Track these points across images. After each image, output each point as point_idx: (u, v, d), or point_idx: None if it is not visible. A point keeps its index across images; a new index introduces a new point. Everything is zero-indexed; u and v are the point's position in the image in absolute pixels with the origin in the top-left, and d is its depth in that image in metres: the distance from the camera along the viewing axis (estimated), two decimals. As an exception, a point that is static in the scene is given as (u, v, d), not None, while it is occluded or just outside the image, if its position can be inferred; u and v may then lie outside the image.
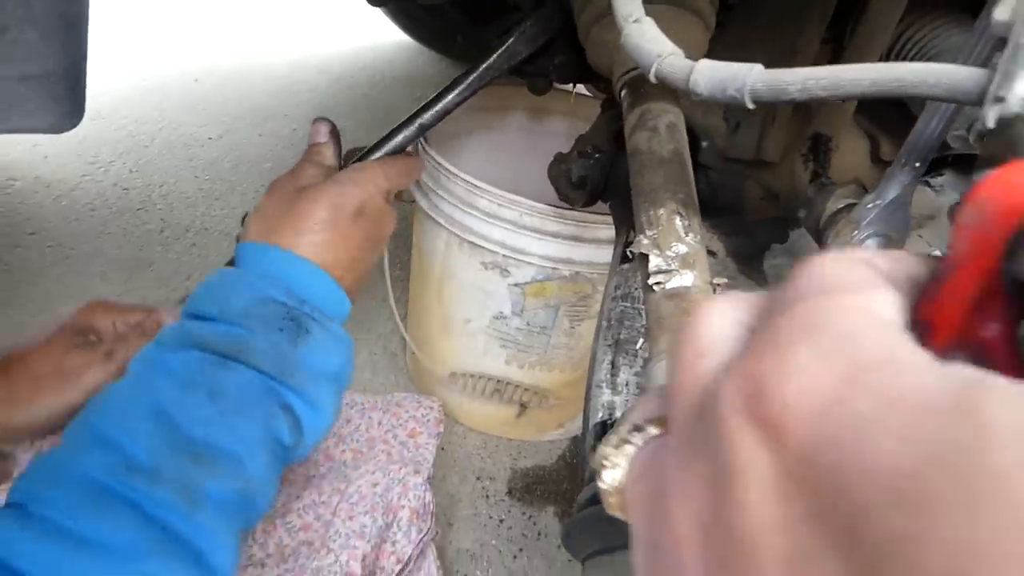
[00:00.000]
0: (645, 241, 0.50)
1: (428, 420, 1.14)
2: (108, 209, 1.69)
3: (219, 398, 0.59)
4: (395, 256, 1.57)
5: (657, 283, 0.48)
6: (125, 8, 2.56)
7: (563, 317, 1.14)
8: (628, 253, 0.58)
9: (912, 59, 0.83)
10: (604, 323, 0.68)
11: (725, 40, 0.84)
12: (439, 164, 1.10)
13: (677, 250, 0.49)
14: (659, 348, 0.47)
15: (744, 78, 0.42)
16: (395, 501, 1.04)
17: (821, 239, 0.59)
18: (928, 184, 0.91)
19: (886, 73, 0.38)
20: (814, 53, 0.76)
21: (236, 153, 1.95)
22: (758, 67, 0.43)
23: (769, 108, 0.78)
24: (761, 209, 0.84)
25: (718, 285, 0.51)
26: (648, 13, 0.67)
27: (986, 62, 0.49)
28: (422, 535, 1.04)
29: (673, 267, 0.48)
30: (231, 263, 0.70)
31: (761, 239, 0.78)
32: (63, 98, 0.64)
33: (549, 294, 1.11)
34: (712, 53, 0.80)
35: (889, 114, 0.92)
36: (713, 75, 0.43)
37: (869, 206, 0.51)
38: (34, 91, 0.62)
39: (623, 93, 0.64)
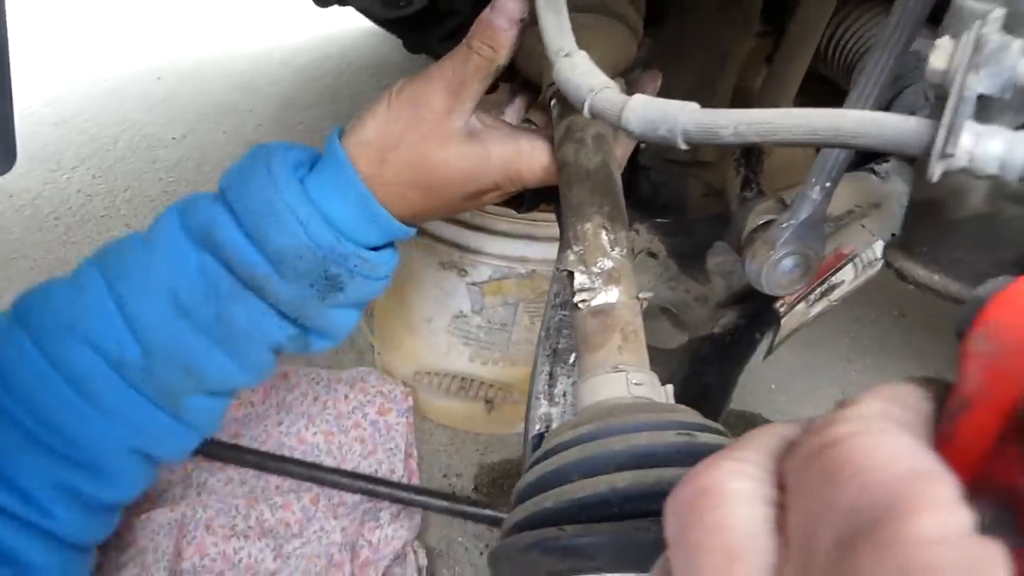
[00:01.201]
0: (571, 257, 0.49)
1: (395, 396, 1.13)
2: (72, 217, 1.64)
3: (225, 324, 0.57)
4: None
5: (582, 301, 0.47)
6: (80, 9, 2.50)
7: (523, 314, 1.13)
8: (556, 269, 0.57)
9: (851, 48, 0.82)
10: (543, 332, 0.68)
11: (663, 39, 0.83)
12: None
13: (603, 266, 0.48)
14: (585, 367, 0.46)
15: (676, 118, 0.39)
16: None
17: (742, 256, 0.58)
18: (873, 171, 0.91)
19: (826, 121, 0.35)
20: (742, 59, 0.75)
21: (200, 152, 1.91)
22: (692, 106, 0.40)
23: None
24: (704, 206, 0.83)
25: (643, 300, 0.50)
26: (578, 24, 0.65)
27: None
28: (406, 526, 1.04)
29: (597, 284, 0.48)
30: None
31: (702, 237, 0.77)
32: (-7, 145, 0.63)
33: (507, 292, 1.11)
34: (650, 56, 0.79)
35: (828, 103, 0.91)
36: (645, 113, 0.40)
37: (783, 226, 0.50)
38: (-35, 142, 0.62)
39: (552, 103, 0.63)
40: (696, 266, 0.79)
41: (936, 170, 0.32)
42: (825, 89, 0.94)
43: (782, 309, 0.74)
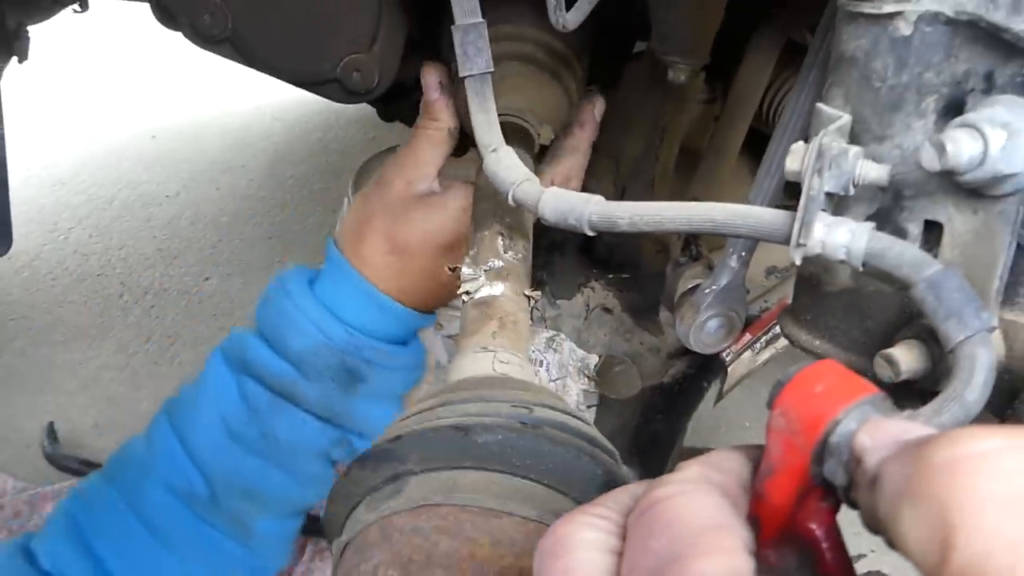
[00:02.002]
0: (467, 259, 0.51)
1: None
2: (69, 277, 1.69)
3: (271, 440, 0.62)
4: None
5: (466, 293, 0.49)
6: (78, 75, 2.56)
7: (498, 362, 1.17)
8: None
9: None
10: None
11: (613, 106, 0.89)
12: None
13: (492, 265, 0.50)
14: (458, 350, 0.46)
15: (582, 210, 0.44)
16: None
17: (674, 317, 0.63)
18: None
19: (702, 213, 0.39)
20: (684, 129, 0.80)
21: (193, 209, 1.97)
22: (595, 199, 0.44)
23: (651, 172, 0.83)
24: (659, 262, 0.88)
25: (531, 297, 0.51)
26: (509, 71, 0.69)
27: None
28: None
29: (481, 278, 0.49)
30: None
31: (654, 293, 0.82)
32: (-7, 231, 0.70)
33: (482, 342, 1.15)
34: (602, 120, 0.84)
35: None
36: (557, 205, 0.45)
37: (706, 291, 0.55)
38: (-35, 229, 0.69)
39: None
40: (650, 319, 0.84)
41: (795, 256, 0.37)
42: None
43: (728, 358, 0.78)
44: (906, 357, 0.36)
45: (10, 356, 1.48)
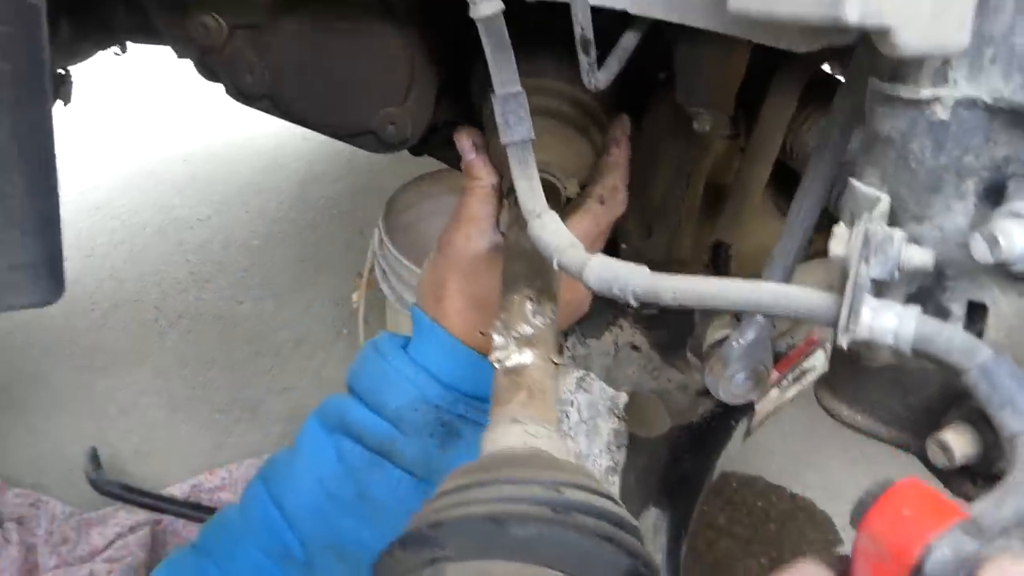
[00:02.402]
0: (497, 324, 0.51)
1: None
2: (107, 302, 1.70)
3: (367, 500, 0.62)
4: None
5: (497, 360, 0.49)
6: (111, 100, 2.58)
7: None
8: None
9: (808, 146, 0.87)
10: None
11: (637, 146, 0.89)
12: (398, 259, 1.14)
13: (522, 331, 0.50)
14: (492, 420, 0.46)
15: (626, 280, 0.43)
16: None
17: (702, 366, 0.62)
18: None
19: (747, 293, 0.39)
20: (707, 171, 0.80)
21: (225, 233, 1.98)
22: (641, 270, 0.43)
23: (679, 212, 0.82)
24: (685, 298, 0.87)
25: (558, 364, 0.51)
26: (539, 124, 0.69)
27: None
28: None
29: (512, 346, 0.50)
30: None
31: (680, 330, 0.82)
32: (46, 278, 0.71)
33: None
34: (635, 150, 0.84)
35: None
36: (602, 273, 0.44)
37: (734, 345, 0.54)
38: (22, 277, 0.70)
39: (508, 193, 0.66)
40: (678, 355, 0.83)
41: (843, 341, 0.36)
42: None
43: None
44: (959, 443, 0.35)
45: (55, 383, 1.49)
